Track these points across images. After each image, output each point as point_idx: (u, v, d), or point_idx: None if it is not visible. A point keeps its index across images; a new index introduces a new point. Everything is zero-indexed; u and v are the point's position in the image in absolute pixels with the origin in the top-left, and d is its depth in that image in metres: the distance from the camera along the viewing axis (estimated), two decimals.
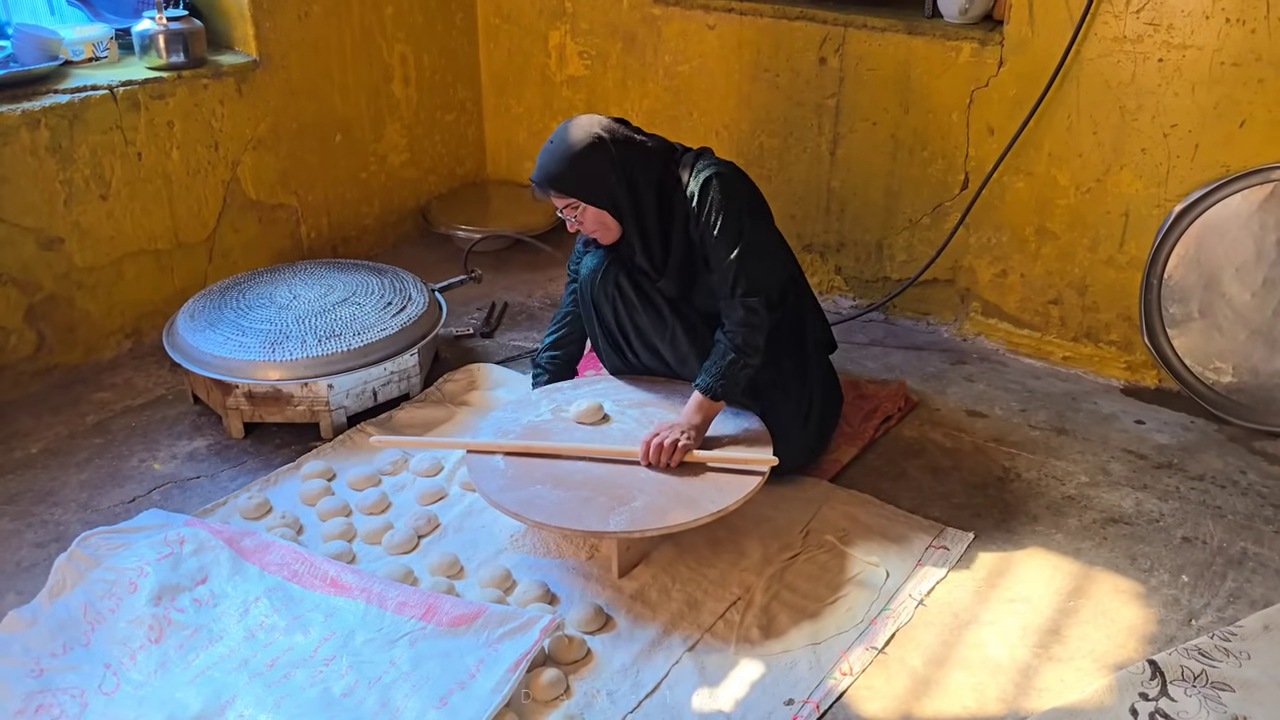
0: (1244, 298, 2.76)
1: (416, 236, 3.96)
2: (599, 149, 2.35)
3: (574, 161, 2.34)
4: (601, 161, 2.35)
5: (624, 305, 2.53)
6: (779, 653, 2.07)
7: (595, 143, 2.35)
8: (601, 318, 2.57)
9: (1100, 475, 2.62)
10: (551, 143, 2.38)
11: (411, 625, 2.07)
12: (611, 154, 2.35)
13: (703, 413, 2.35)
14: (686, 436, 2.29)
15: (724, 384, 2.34)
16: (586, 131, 2.36)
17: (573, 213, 2.40)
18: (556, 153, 2.36)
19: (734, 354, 2.34)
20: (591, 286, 2.55)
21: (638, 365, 2.63)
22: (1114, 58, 2.78)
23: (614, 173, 2.35)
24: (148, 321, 3.19)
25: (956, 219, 3.12)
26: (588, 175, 2.35)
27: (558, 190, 2.37)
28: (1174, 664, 2.00)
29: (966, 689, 2.00)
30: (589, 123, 2.38)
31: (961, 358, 3.19)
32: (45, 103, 2.85)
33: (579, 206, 2.38)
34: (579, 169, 2.34)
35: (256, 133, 3.35)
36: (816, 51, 3.22)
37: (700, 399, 2.35)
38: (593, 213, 2.39)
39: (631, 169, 2.37)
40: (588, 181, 2.36)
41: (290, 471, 2.62)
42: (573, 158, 2.34)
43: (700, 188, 2.37)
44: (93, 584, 2.15)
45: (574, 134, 2.36)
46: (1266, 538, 2.39)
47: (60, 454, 2.71)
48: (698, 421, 2.34)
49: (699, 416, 2.35)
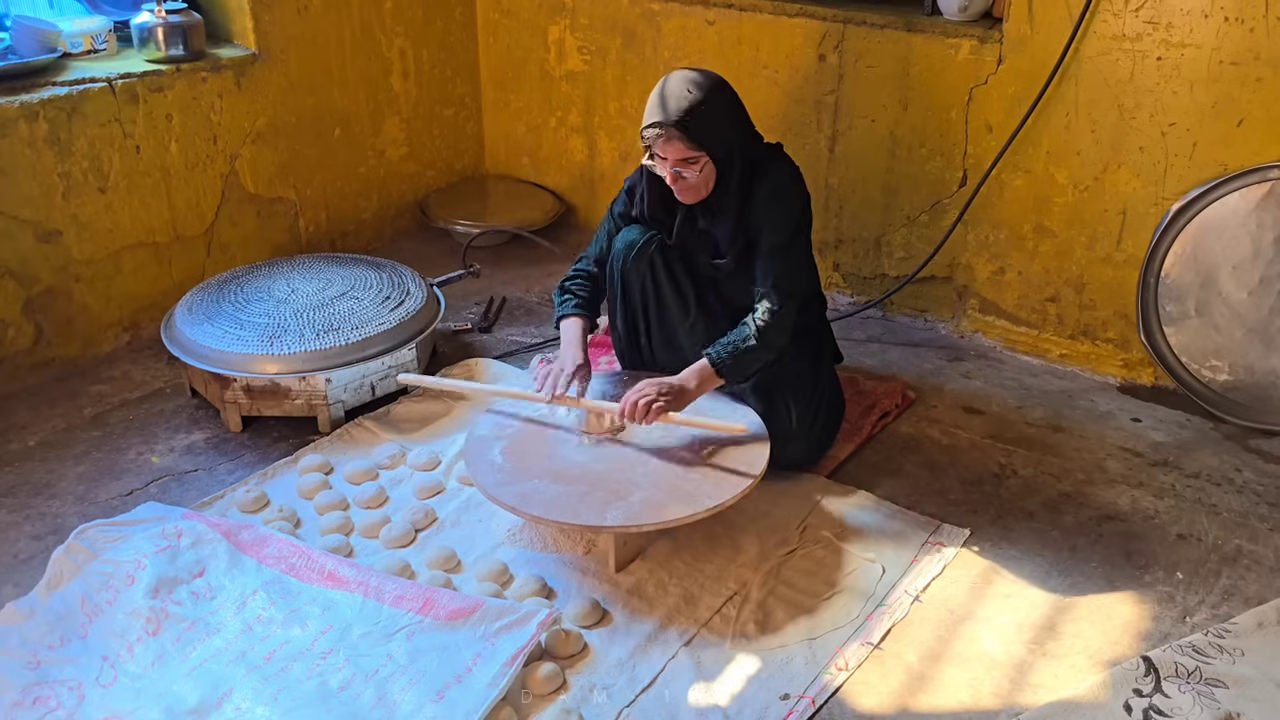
0: (1240, 296, 2.76)
1: (415, 231, 3.96)
2: (732, 105, 2.33)
3: (710, 110, 2.27)
4: (732, 118, 2.33)
5: (653, 285, 2.52)
6: (775, 648, 2.08)
7: (730, 97, 2.32)
8: (628, 294, 2.56)
9: (1096, 472, 2.63)
10: (681, 88, 2.28)
11: (409, 619, 2.07)
12: (739, 114, 2.35)
13: (699, 380, 2.33)
14: (666, 398, 2.27)
15: (733, 363, 2.33)
16: (715, 81, 2.32)
17: (688, 167, 2.31)
18: (691, 96, 2.27)
19: (755, 341, 2.33)
20: (624, 261, 2.52)
21: (647, 351, 2.62)
22: (1113, 56, 2.78)
23: (734, 132, 2.33)
24: (146, 315, 3.19)
25: (955, 216, 3.13)
26: (721, 128, 2.31)
27: (693, 139, 2.27)
28: (1168, 660, 2.01)
29: (962, 684, 2.01)
30: (714, 75, 2.34)
31: (959, 355, 3.19)
32: (43, 95, 2.85)
33: (699, 160, 2.31)
34: (713, 119, 2.28)
35: (255, 126, 3.34)
36: (816, 48, 3.22)
37: (704, 367, 2.34)
38: (709, 171, 2.33)
39: (746, 133, 2.36)
40: (719, 136, 2.31)
41: (288, 465, 2.62)
42: (710, 106, 2.28)
43: (781, 178, 2.38)
44: (90, 576, 2.15)
45: (705, 82, 2.30)
46: (1261, 535, 2.40)
47: (58, 447, 2.71)
48: (690, 386, 2.32)
49: (694, 381, 2.33)
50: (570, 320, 2.53)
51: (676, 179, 2.34)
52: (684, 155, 2.30)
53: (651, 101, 2.32)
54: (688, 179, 2.33)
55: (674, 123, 2.26)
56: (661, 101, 2.29)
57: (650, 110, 2.31)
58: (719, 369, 2.33)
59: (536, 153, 4.04)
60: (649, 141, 2.32)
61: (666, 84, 2.32)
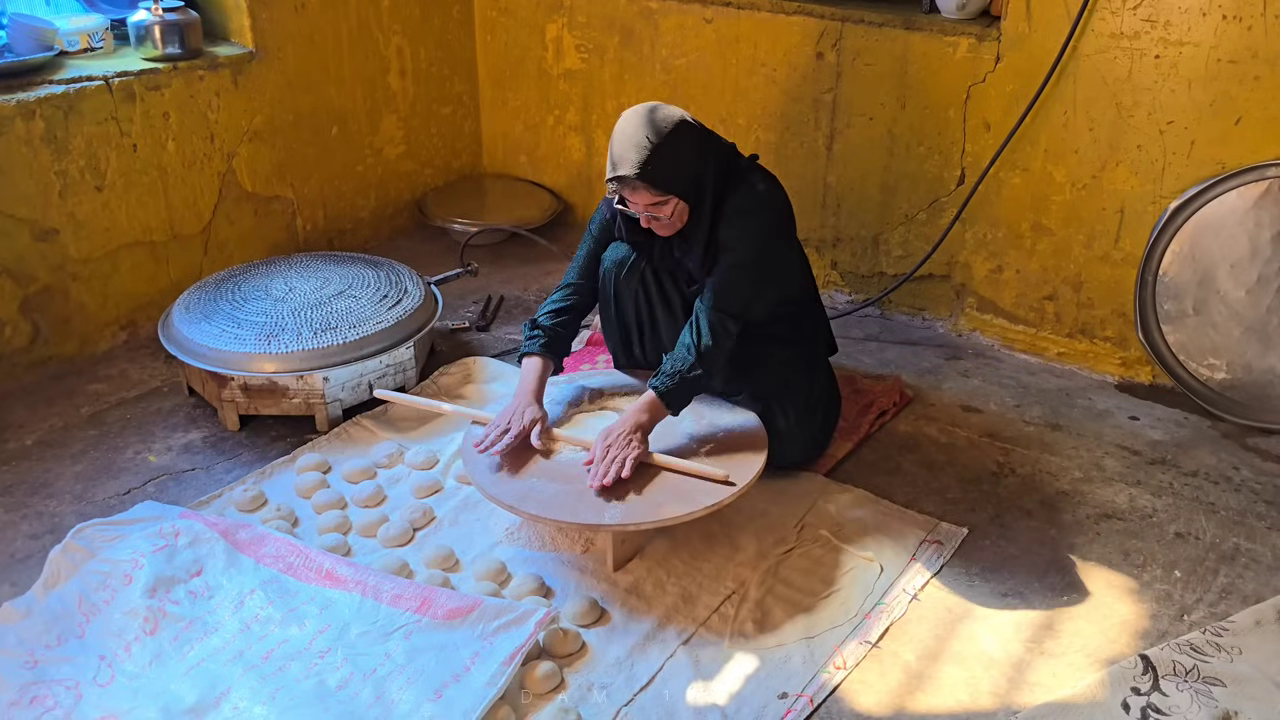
0: (1238, 294, 2.76)
1: (412, 229, 3.96)
2: (692, 141, 2.27)
3: (670, 154, 2.22)
4: (695, 154, 2.28)
5: (645, 300, 2.52)
6: (773, 646, 2.08)
7: (688, 134, 2.26)
8: (620, 308, 2.56)
9: (1094, 471, 2.63)
10: (639, 135, 2.22)
11: (406, 618, 2.07)
12: (702, 146, 2.30)
13: (650, 413, 2.28)
14: (635, 445, 2.23)
15: (676, 390, 2.28)
16: (671, 121, 2.25)
17: (659, 209, 2.28)
18: (649, 145, 2.21)
19: (695, 360, 2.29)
20: (616, 277, 2.52)
21: (639, 359, 2.63)
22: (1111, 54, 2.78)
23: (700, 165, 2.28)
24: (143, 313, 3.19)
25: (953, 214, 3.13)
26: (683, 169, 2.26)
27: (655, 187, 2.23)
28: (1166, 659, 2.01)
29: (960, 683, 2.01)
30: (670, 113, 2.27)
31: (957, 353, 3.19)
32: (40, 93, 2.84)
33: (668, 202, 2.28)
34: (675, 162, 2.24)
35: (252, 124, 3.34)
36: (814, 46, 3.22)
37: (652, 399, 2.28)
38: (681, 208, 2.30)
39: (713, 162, 2.31)
40: (683, 176, 2.26)
41: (285, 464, 2.62)
42: (669, 150, 2.22)
43: (744, 200, 2.33)
44: (87, 576, 2.15)
45: (661, 125, 2.23)
46: (1259, 534, 2.40)
47: (55, 445, 2.70)
48: (644, 420, 2.27)
49: (646, 416, 2.28)
50: (531, 360, 2.45)
51: (650, 220, 2.32)
52: (652, 201, 2.27)
53: (611, 152, 2.26)
54: (661, 219, 2.31)
55: (635, 176, 2.22)
56: (621, 149, 2.23)
57: (610, 163, 2.26)
58: (666, 400, 2.29)
59: (534, 151, 4.04)
60: (614, 193, 2.30)
61: (621, 131, 2.25)
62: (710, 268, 2.38)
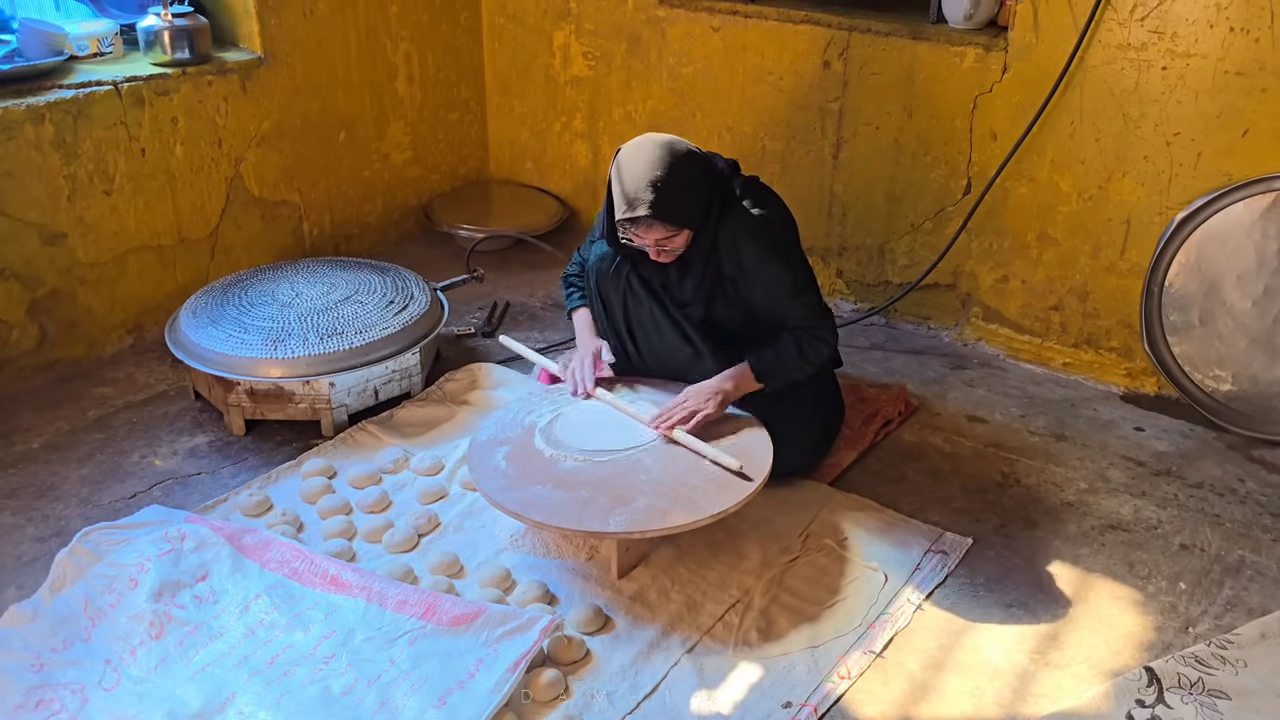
0: (1244, 306, 2.76)
1: (419, 235, 3.96)
2: (700, 172, 2.30)
3: (682, 190, 2.25)
4: (703, 186, 2.31)
5: (632, 299, 2.53)
6: (777, 655, 2.08)
7: (696, 166, 2.29)
8: (608, 307, 2.58)
9: (1099, 482, 2.63)
10: (651, 173, 2.23)
11: (411, 624, 2.07)
12: (708, 177, 2.34)
13: (738, 382, 2.39)
14: (713, 405, 2.34)
15: (776, 372, 2.40)
16: (679, 155, 2.26)
17: (668, 242, 2.31)
18: (661, 182, 2.22)
19: (798, 355, 2.40)
20: (601, 276, 2.55)
21: (635, 356, 2.63)
22: (1118, 65, 2.79)
23: (706, 195, 2.32)
24: (150, 317, 3.20)
25: (958, 224, 3.13)
26: (694, 202, 2.29)
27: (670, 222, 2.26)
28: (1171, 671, 2.01)
29: (964, 694, 2.01)
30: (676, 145, 2.28)
31: (962, 363, 3.19)
32: (50, 98, 2.85)
33: (679, 234, 2.30)
34: (686, 197, 2.26)
35: (260, 130, 3.35)
36: (820, 55, 3.22)
37: (746, 370, 2.40)
38: (686, 238, 2.33)
39: (716, 189, 2.35)
40: (694, 209, 2.29)
41: (291, 469, 2.62)
42: (681, 185, 2.25)
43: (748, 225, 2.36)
44: (93, 579, 2.15)
45: (670, 160, 2.25)
46: (1264, 546, 2.40)
47: (61, 449, 2.71)
48: (729, 388, 2.38)
49: (732, 384, 2.39)
50: (581, 312, 2.66)
51: (660, 253, 2.36)
52: (665, 235, 2.30)
53: (618, 190, 2.28)
54: (669, 249, 2.35)
55: (649, 215, 2.24)
56: (635, 188, 2.24)
57: (621, 202, 2.27)
58: (759, 375, 2.40)
59: (540, 157, 4.05)
60: (626, 232, 2.31)
61: (629, 168, 2.26)
62: (708, 292, 2.43)
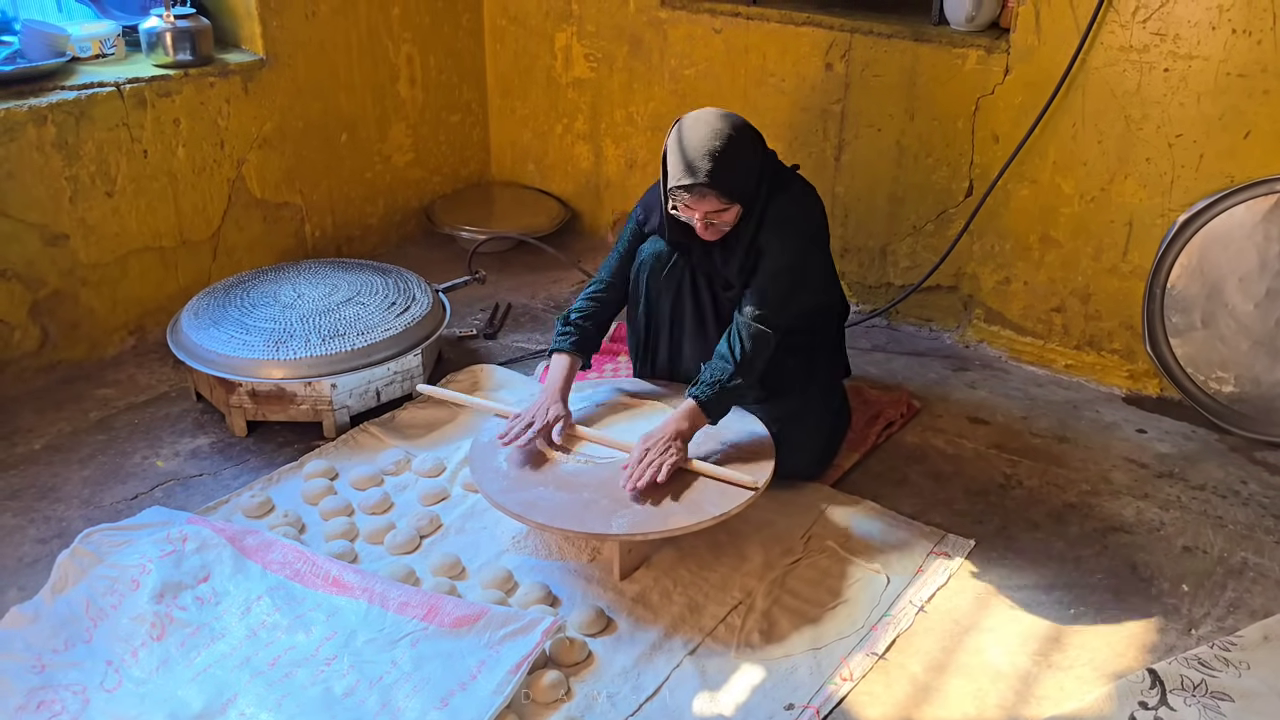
0: (1247, 308, 2.76)
1: (420, 237, 3.96)
2: (754, 148, 2.31)
3: (738, 162, 2.25)
4: (756, 161, 2.31)
5: (678, 304, 2.52)
6: (780, 657, 2.08)
7: (751, 141, 2.30)
8: (650, 306, 2.56)
9: (1102, 484, 2.63)
10: (711, 143, 2.23)
11: (413, 625, 2.07)
12: (760, 153, 2.33)
13: (690, 421, 2.30)
14: (674, 452, 2.24)
15: (716, 400, 2.30)
16: (737, 128, 2.28)
17: (720, 216, 2.30)
18: (720, 153, 2.22)
19: (734, 370, 2.30)
20: (651, 273, 2.52)
21: (662, 365, 2.62)
22: (1120, 67, 2.79)
23: (760, 173, 2.32)
24: (152, 319, 3.20)
25: (960, 226, 3.13)
26: (748, 176, 2.29)
27: (724, 195, 2.25)
28: (1174, 673, 2.00)
29: (966, 696, 2.01)
30: (735, 119, 2.30)
31: (964, 364, 3.19)
32: (52, 99, 2.85)
33: (730, 209, 2.29)
34: (741, 170, 2.26)
35: (262, 131, 3.35)
36: (823, 57, 3.22)
37: (692, 407, 2.30)
38: (738, 211, 2.31)
39: (767, 168, 2.35)
40: (748, 184, 2.29)
41: (293, 470, 2.62)
42: (737, 158, 2.25)
43: (787, 207, 2.36)
44: (95, 581, 2.15)
45: (729, 132, 2.25)
46: (1267, 548, 2.40)
47: (63, 450, 2.71)
48: (685, 428, 2.28)
49: (686, 424, 2.29)
50: (560, 358, 2.49)
51: (707, 227, 2.32)
52: (717, 208, 2.28)
53: (676, 158, 2.26)
54: (718, 225, 2.32)
55: (706, 183, 2.22)
56: (692, 157, 2.23)
57: (677, 169, 2.25)
58: (705, 409, 2.30)
59: (542, 159, 4.05)
60: (680, 201, 2.29)
61: (689, 137, 2.26)
62: (748, 273, 2.40)
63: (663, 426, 2.30)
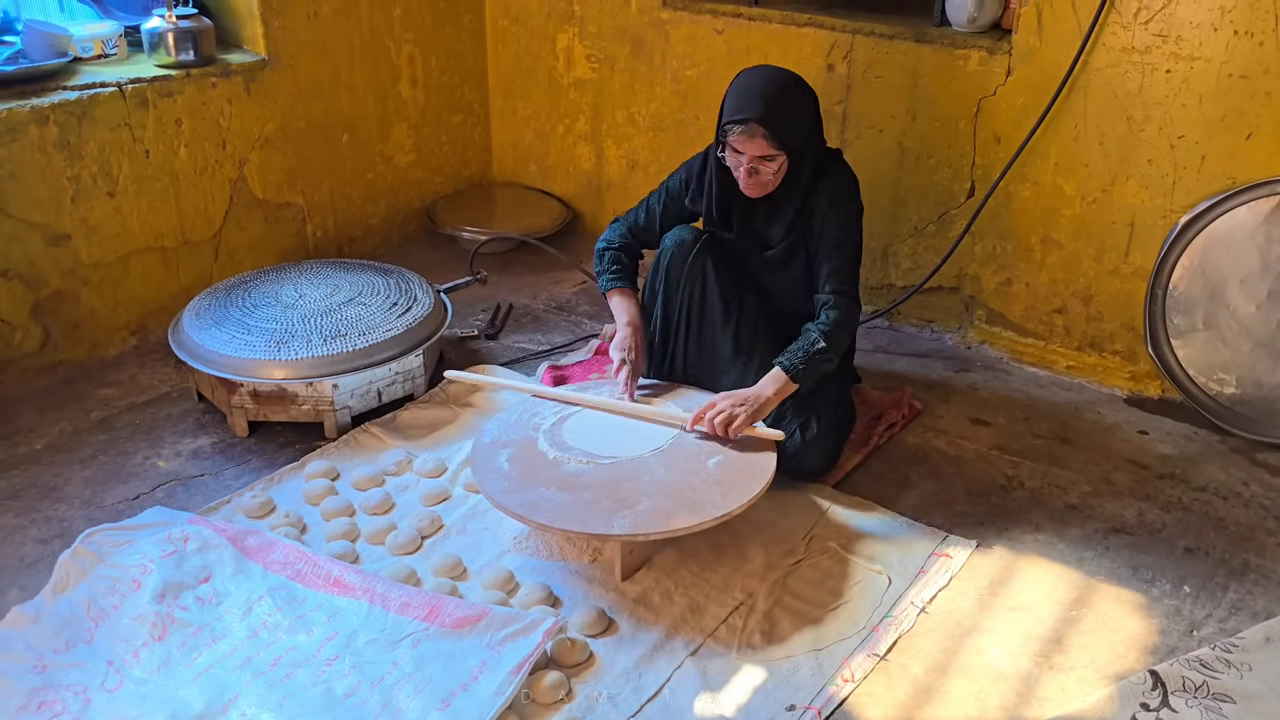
0: (1248, 310, 2.76)
1: (422, 237, 3.96)
2: (810, 104, 2.37)
3: (793, 110, 2.33)
4: (811, 117, 2.38)
5: (701, 291, 2.55)
6: (781, 658, 2.08)
7: (808, 96, 2.37)
8: (670, 297, 2.58)
9: (1103, 485, 2.63)
10: (767, 87, 2.32)
11: (414, 626, 2.07)
12: (816, 112, 2.40)
13: (776, 388, 2.38)
14: (746, 410, 2.32)
15: (805, 368, 2.39)
16: (796, 80, 2.36)
17: (765, 164, 2.34)
18: (775, 96, 2.31)
19: (823, 344, 2.39)
20: (673, 260, 2.55)
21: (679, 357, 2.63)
22: (1122, 68, 2.79)
23: (812, 132, 2.38)
24: (153, 319, 3.20)
25: (962, 227, 3.13)
26: (800, 127, 2.35)
27: (777, 139, 2.30)
28: (1175, 675, 2.00)
29: (968, 697, 2.01)
30: (793, 73, 2.38)
31: (965, 365, 3.19)
32: (54, 99, 2.85)
33: (776, 159, 2.34)
34: (794, 119, 2.33)
35: (264, 132, 3.35)
36: (824, 58, 3.22)
37: (779, 375, 2.39)
38: (783, 169, 2.36)
39: (819, 133, 2.41)
40: (797, 135, 2.35)
41: (294, 471, 2.62)
42: (792, 106, 2.33)
43: (843, 181, 2.44)
44: (96, 581, 2.15)
45: (787, 81, 2.35)
46: (1269, 549, 2.39)
47: (64, 450, 2.71)
48: (769, 394, 2.37)
49: (771, 390, 2.38)
50: (618, 297, 2.62)
51: (751, 174, 2.36)
52: (764, 153, 2.32)
53: (735, 96, 2.35)
54: (761, 174, 2.36)
55: (759, 119, 2.28)
56: (748, 97, 2.31)
57: (734, 106, 2.32)
58: (792, 376, 2.38)
59: (544, 160, 4.05)
60: (730, 135, 2.33)
61: (751, 79, 2.35)
62: (794, 240, 2.46)
63: (749, 389, 2.38)
